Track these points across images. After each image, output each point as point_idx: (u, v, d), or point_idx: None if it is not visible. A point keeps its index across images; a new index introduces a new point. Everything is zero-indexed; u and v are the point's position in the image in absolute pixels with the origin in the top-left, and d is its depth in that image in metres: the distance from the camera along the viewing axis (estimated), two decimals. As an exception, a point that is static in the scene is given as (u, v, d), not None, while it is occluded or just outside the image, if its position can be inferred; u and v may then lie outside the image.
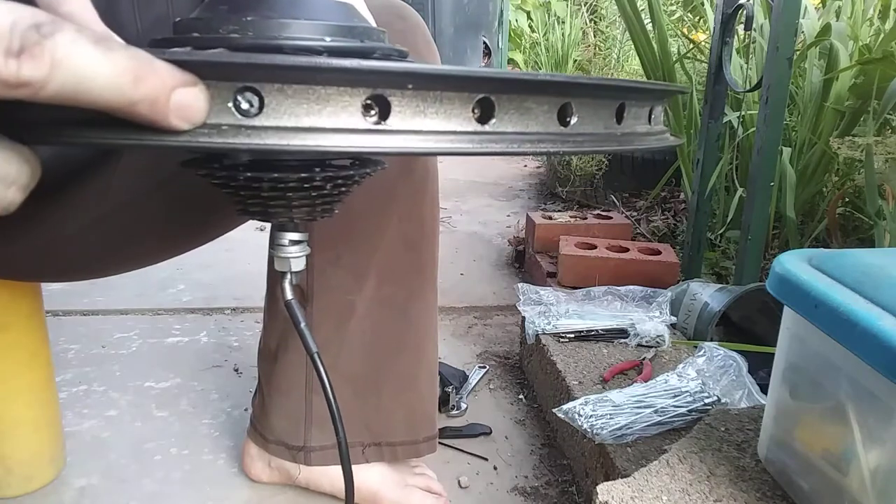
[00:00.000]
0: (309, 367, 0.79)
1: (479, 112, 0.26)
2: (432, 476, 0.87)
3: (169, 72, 0.22)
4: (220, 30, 0.31)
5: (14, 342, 0.80)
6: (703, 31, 2.37)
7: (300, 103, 0.23)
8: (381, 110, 0.24)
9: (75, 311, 1.37)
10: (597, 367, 0.99)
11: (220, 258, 1.62)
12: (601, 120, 0.29)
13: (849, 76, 1.40)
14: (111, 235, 0.68)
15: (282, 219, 0.38)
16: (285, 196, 0.35)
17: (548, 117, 0.27)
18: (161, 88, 0.21)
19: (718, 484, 0.61)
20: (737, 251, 1.30)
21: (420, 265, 0.80)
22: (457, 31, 2.95)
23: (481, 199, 2.42)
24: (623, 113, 0.30)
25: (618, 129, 0.30)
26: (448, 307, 1.47)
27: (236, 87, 0.23)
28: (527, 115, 0.27)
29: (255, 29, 0.30)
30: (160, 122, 0.22)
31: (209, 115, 0.23)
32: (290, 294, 0.41)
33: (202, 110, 0.22)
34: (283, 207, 0.37)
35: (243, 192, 0.36)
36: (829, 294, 0.51)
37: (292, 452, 0.83)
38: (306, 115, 0.23)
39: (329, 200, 0.38)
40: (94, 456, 0.93)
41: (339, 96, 0.24)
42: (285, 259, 0.40)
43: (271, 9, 0.31)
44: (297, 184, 0.34)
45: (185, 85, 0.22)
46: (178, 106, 0.22)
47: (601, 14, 3.82)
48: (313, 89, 0.23)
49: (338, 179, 0.36)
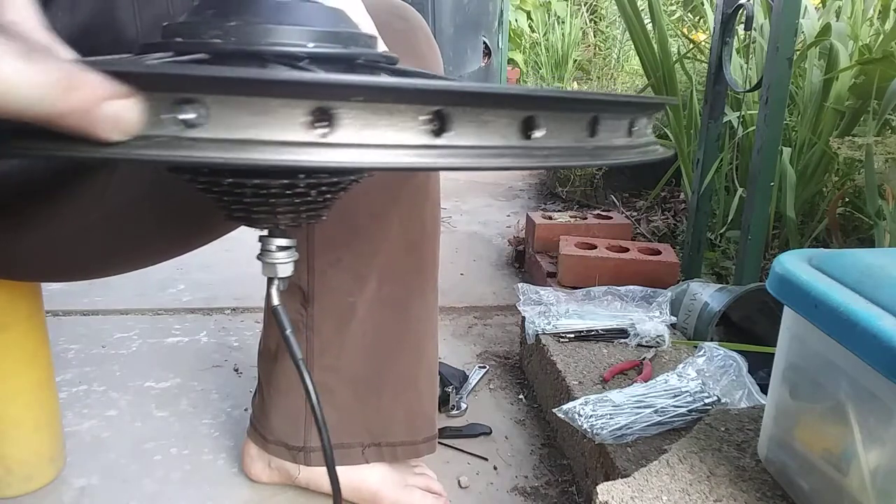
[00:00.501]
0: (309, 369, 0.79)
1: (434, 125, 0.25)
2: (432, 476, 0.87)
3: (100, 83, 0.21)
4: (203, 35, 0.30)
5: (14, 342, 0.80)
6: (703, 31, 2.37)
7: (242, 115, 0.23)
8: (329, 123, 0.23)
9: (75, 311, 1.37)
10: (597, 367, 0.99)
11: (220, 258, 1.62)
12: (570, 133, 0.28)
13: (849, 76, 1.40)
14: (111, 236, 0.68)
15: (266, 225, 0.37)
16: (268, 202, 0.35)
17: (508, 130, 0.26)
18: (91, 100, 0.21)
19: (718, 484, 0.61)
20: (737, 251, 1.30)
21: (421, 266, 0.79)
22: (457, 31, 2.95)
23: (481, 199, 2.42)
24: (597, 126, 0.29)
25: (590, 142, 0.29)
26: (448, 307, 1.47)
27: (175, 99, 0.22)
28: (485, 129, 0.26)
29: (238, 34, 0.30)
30: (90, 134, 0.22)
31: (146, 127, 0.22)
32: (277, 300, 0.40)
33: (135, 122, 0.22)
34: (268, 213, 0.36)
35: (226, 197, 0.35)
36: (829, 294, 0.51)
37: (292, 453, 0.83)
38: (249, 127, 0.23)
39: (315, 207, 0.37)
40: (94, 456, 0.93)
41: (282, 108, 0.23)
42: (272, 265, 0.39)
43: (256, 14, 0.30)
44: (280, 190, 0.34)
45: (116, 96, 0.22)
46: (108, 117, 0.22)
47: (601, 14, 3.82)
48: (256, 101, 0.22)
49: (322, 186, 0.35)
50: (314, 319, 0.77)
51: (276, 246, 0.39)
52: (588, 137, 0.29)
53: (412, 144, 0.25)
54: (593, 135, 0.29)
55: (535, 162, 0.27)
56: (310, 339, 0.78)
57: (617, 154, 0.31)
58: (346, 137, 0.24)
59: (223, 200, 0.36)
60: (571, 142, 0.28)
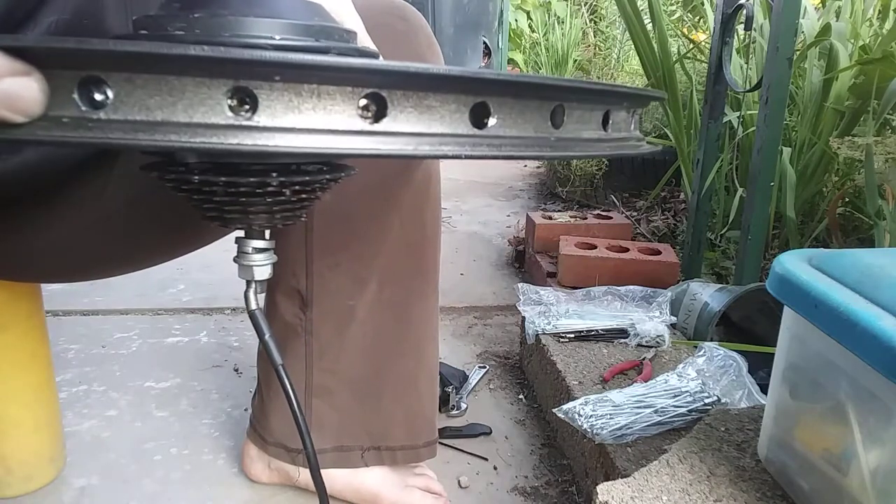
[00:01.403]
0: (308, 372, 0.79)
1: (370, 109, 0.24)
2: (432, 476, 0.87)
3: None
4: (167, 27, 0.29)
5: (14, 342, 0.80)
6: (703, 31, 2.37)
7: (151, 95, 0.21)
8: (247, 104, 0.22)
9: (75, 311, 1.37)
10: (597, 367, 0.99)
11: (220, 258, 1.61)
12: (529, 123, 0.26)
13: (849, 76, 1.40)
14: (111, 237, 0.68)
15: (239, 225, 0.36)
16: (239, 201, 0.34)
17: (456, 117, 0.25)
18: None
19: (718, 484, 0.61)
20: (737, 251, 1.30)
21: (421, 269, 0.79)
22: (457, 31, 2.95)
23: (481, 199, 2.42)
24: (562, 116, 0.27)
25: (553, 132, 0.27)
26: (448, 307, 1.47)
27: (80, 77, 0.21)
28: (428, 114, 0.24)
29: (202, 27, 0.29)
30: None
31: (50, 107, 0.21)
32: (255, 304, 0.39)
33: (36, 101, 0.21)
34: (240, 213, 0.35)
35: (196, 196, 0.34)
36: (829, 294, 0.51)
37: (291, 455, 0.83)
38: (158, 108, 0.21)
39: (290, 208, 0.36)
40: (94, 456, 0.93)
41: (195, 88, 0.21)
42: (248, 267, 0.38)
43: (224, 6, 0.29)
44: (250, 189, 0.33)
45: (13, 74, 0.20)
46: (6, 96, 0.20)
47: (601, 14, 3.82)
48: (166, 80, 0.21)
49: (295, 185, 0.34)
50: (313, 323, 0.77)
51: (253, 248, 0.38)
52: (551, 128, 0.27)
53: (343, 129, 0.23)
54: (558, 125, 0.27)
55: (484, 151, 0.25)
56: (309, 342, 0.78)
57: (584, 147, 0.29)
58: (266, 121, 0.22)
59: (194, 199, 0.34)
60: (531, 132, 0.26)
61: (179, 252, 0.77)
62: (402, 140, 0.24)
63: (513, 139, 0.26)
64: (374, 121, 0.24)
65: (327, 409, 0.80)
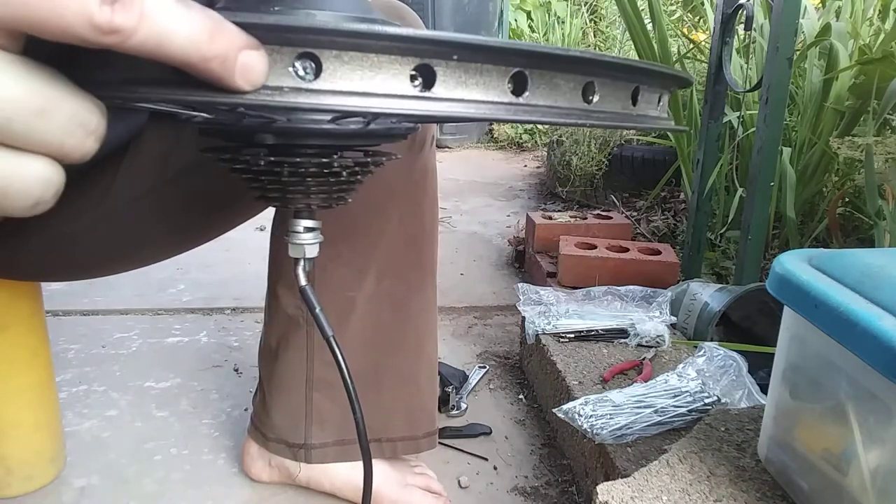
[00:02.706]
0: (309, 365, 0.80)
1: (514, 85, 0.27)
2: (432, 476, 0.88)
3: (237, 33, 0.23)
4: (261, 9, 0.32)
5: (14, 342, 0.80)
6: (703, 31, 2.37)
7: (354, 70, 0.25)
8: (427, 79, 0.26)
9: (75, 311, 1.37)
10: (597, 367, 0.99)
11: (220, 258, 1.62)
12: (619, 101, 0.31)
13: (849, 76, 1.40)
14: (111, 236, 0.68)
15: (299, 205, 0.39)
16: (304, 182, 0.37)
17: (574, 94, 0.29)
18: (231, 48, 0.22)
19: (718, 484, 0.61)
20: (737, 251, 1.30)
21: (420, 261, 0.80)
22: (457, 31, 2.95)
23: (481, 199, 2.42)
24: (637, 96, 0.32)
25: (633, 110, 0.32)
26: (448, 307, 1.47)
27: (296, 53, 0.24)
28: (556, 91, 0.28)
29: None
30: (227, 81, 0.23)
31: (269, 79, 0.24)
32: (304, 280, 0.42)
33: (263, 73, 0.23)
34: (302, 193, 0.38)
35: (263, 177, 0.37)
36: (829, 294, 0.51)
37: (293, 450, 0.83)
38: (360, 80, 0.25)
39: (344, 188, 0.39)
40: (94, 456, 0.93)
41: (389, 65, 0.25)
42: (300, 245, 0.41)
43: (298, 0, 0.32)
44: (317, 169, 0.36)
45: (250, 47, 0.23)
46: (243, 67, 0.23)
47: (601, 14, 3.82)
48: (367, 57, 0.25)
49: (354, 167, 0.38)
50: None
51: (304, 227, 0.41)
52: (631, 106, 0.32)
53: (496, 101, 0.27)
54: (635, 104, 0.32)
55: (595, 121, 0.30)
56: (310, 333, 0.79)
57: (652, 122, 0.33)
58: (442, 93, 0.26)
59: (259, 180, 0.37)
60: (619, 108, 0.31)
61: (178, 250, 0.77)
62: (539, 111, 0.28)
63: (610, 114, 0.30)
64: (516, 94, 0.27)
65: (328, 403, 0.81)
